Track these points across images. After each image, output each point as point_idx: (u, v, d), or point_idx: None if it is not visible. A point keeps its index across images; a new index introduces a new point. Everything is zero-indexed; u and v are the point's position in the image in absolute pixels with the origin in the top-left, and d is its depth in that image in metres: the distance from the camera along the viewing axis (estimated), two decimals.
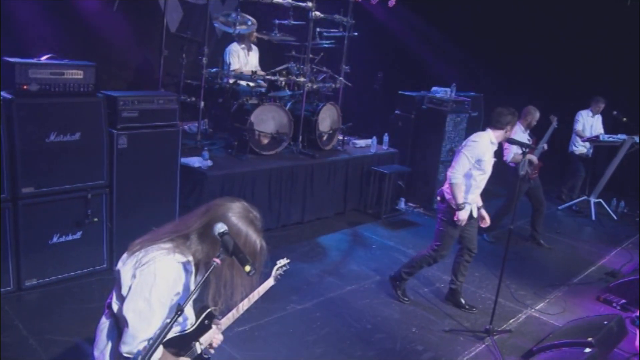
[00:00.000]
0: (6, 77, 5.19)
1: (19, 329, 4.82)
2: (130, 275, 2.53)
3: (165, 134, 6.10)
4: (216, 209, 2.60)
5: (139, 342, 2.48)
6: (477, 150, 5.49)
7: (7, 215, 5.21)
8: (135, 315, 2.47)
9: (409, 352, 5.08)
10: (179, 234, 2.60)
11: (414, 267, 5.95)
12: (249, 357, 4.71)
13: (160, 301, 2.49)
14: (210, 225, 2.51)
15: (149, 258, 2.50)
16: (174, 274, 2.52)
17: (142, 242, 2.61)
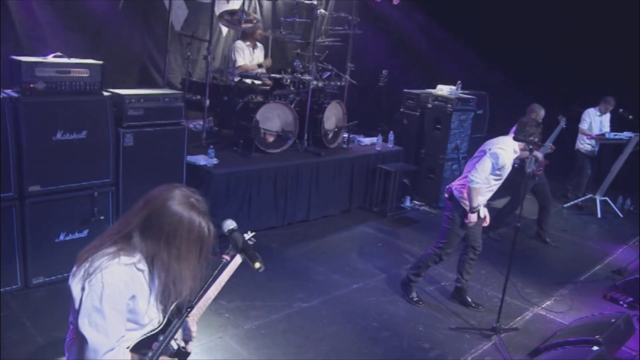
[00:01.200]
0: (13, 75, 5.20)
1: (27, 326, 4.84)
2: (80, 288, 2.40)
3: (171, 132, 6.11)
4: (154, 200, 2.46)
5: (102, 354, 2.38)
6: (502, 159, 5.51)
7: (14, 214, 5.22)
8: (91, 329, 2.36)
9: (415, 349, 5.07)
10: (121, 234, 2.46)
11: (421, 268, 5.93)
12: (256, 355, 4.70)
13: (114, 309, 2.38)
14: (151, 218, 2.41)
15: (95, 267, 2.37)
16: (124, 278, 2.39)
17: (88, 251, 2.48)
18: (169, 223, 2.39)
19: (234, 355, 4.66)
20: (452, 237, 5.69)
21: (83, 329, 2.37)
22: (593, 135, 9.92)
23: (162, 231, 2.40)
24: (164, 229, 2.40)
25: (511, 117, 8.09)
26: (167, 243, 2.40)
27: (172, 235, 2.40)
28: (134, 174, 5.88)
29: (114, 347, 2.41)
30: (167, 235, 2.40)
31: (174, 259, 2.42)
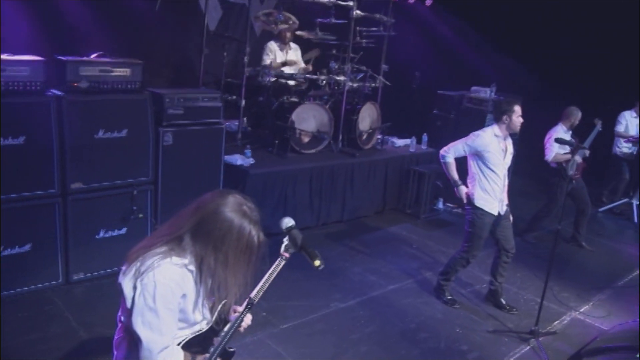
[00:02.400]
0: (57, 74, 5.28)
1: (69, 321, 4.91)
2: (131, 287, 2.43)
3: (210, 131, 6.17)
4: (207, 205, 2.48)
5: (157, 353, 2.42)
6: (478, 140, 5.53)
7: (57, 210, 5.31)
8: (145, 328, 2.39)
9: (453, 351, 5.05)
10: (172, 236, 2.48)
11: (450, 273, 5.92)
12: (294, 355, 4.72)
13: (166, 307, 2.41)
14: (202, 223, 2.44)
15: (147, 266, 2.40)
16: (175, 277, 2.42)
17: (138, 250, 2.51)
18: (219, 229, 2.42)
19: (273, 355, 4.68)
20: (474, 239, 5.68)
21: (137, 327, 2.40)
22: (630, 138, 9.76)
23: (212, 236, 2.42)
24: (214, 235, 2.42)
25: (544, 120, 8.05)
26: (215, 248, 2.43)
27: (221, 241, 2.42)
28: (173, 172, 5.94)
29: (168, 345, 2.44)
30: (215, 240, 2.42)
31: (220, 265, 2.44)
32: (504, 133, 5.58)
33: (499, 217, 5.68)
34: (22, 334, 4.65)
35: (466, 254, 5.75)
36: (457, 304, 5.88)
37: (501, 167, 5.60)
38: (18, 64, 4.93)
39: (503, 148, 5.60)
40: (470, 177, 5.72)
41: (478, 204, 5.59)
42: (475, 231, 5.63)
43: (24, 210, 5.12)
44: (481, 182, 5.58)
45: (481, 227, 5.61)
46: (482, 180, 5.58)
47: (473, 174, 5.66)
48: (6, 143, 4.88)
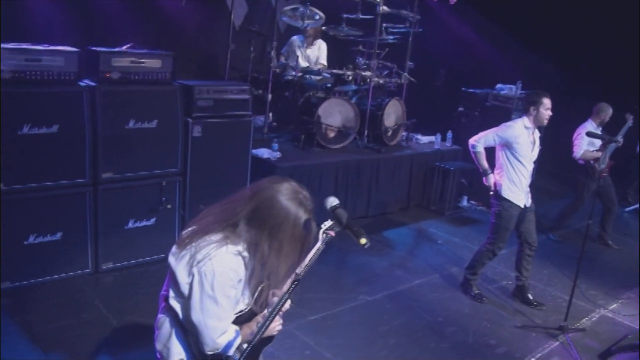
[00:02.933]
0: (90, 65, 5.33)
1: (99, 308, 4.96)
2: (187, 274, 2.45)
3: (238, 124, 6.19)
4: (264, 191, 2.48)
5: (217, 338, 2.46)
6: (508, 131, 5.55)
7: (87, 200, 5.36)
8: (205, 315, 2.42)
9: (481, 345, 5.03)
10: (227, 222, 2.48)
11: (476, 267, 5.91)
12: (322, 345, 4.72)
13: (225, 295, 2.43)
14: (259, 209, 2.44)
15: (203, 255, 2.41)
16: (232, 265, 2.44)
17: (192, 235, 2.52)
18: (275, 216, 2.42)
19: (301, 345, 4.68)
20: (500, 231, 5.66)
21: (195, 316, 2.43)
22: None
23: (267, 223, 2.42)
24: (269, 222, 2.43)
25: (571, 118, 7.99)
26: (270, 236, 2.43)
27: (277, 229, 2.43)
28: (201, 164, 5.97)
29: (226, 330, 2.49)
30: (271, 228, 2.43)
31: (274, 252, 2.45)
32: (533, 125, 5.56)
33: (525, 209, 5.68)
34: (55, 320, 4.71)
35: (492, 246, 5.74)
36: (484, 298, 5.85)
37: (529, 159, 5.60)
38: (53, 54, 4.99)
39: (532, 140, 5.60)
40: (497, 168, 5.71)
41: (505, 195, 5.58)
42: (501, 223, 5.63)
43: (55, 199, 5.19)
44: (509, 173, 5.58)
45: (507, 219, 5.60)
46: (509, 172, 5.57)
47: (501, 164, 5.66)
48: (40, 132, 4.95)
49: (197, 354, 2.57)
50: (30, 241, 5.12)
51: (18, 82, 4.82)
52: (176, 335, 2.59)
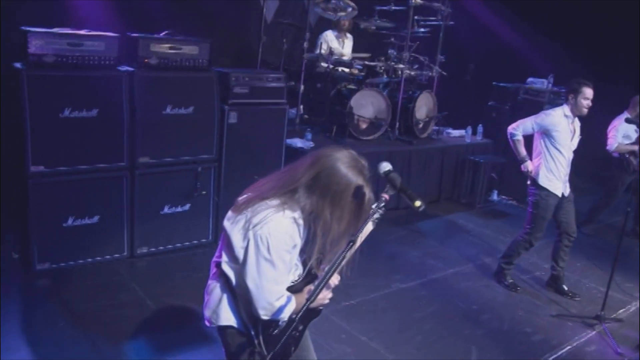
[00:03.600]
0: (129, 51, 5.40)
1: (136, 291, 5.02)
2: (242, 237, 2.46)
3: (273, 112, 6.22)
4: (324, 159, 2.47)
5: (273, 302, 2.47)
6: (547, 119, 5.54)
7: (125, 184, 5.43)
8: (261, 280, 2.43)
9: (517, 333, 5.00)
10: (286, 189, 2.48)
11: (512, 256, 5.88)
12: (358, 330, 4.73)
13: (281, 259, 2.44)
14: (320, 177, 2.44)
15: (260, 218, 2.42)
16: (289, 230, 2.45)
17: (248, 201, 2.53)
18: (337, 183, 2.43)
19: (336, 328, 4.70)
20: (538, 220, 5.62)
21: (251, 281, 2.44)
22: None
23: (329, 191, 2.42)
24: (331, 189, 2.43)
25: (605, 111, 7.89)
26: (332, 202, 2.43)
27: (339, 196, 2.43)
28: (236, 151, 6.01)
29: (283, 294, 2.51)
30: (333, 194, 2.43)
31: (335, 219, 2.45)
32: (572, 114, 5.52)
33: (562, 199, 5.63)
34: (93, 300, 4.78)
35: (529, 236, 5.69)
36: (518, 287, 5.82)
37: (568, 148, 5.55)
38: (95, 39, 5.07)
39: (572, 129, 5.56)
40: (535, 156, 5.68)
41: (542, 184, 5.54)
42: (539, 212, 5.59)
43: (94, 182, 5.26)
44: (547, 162, 5.54)
45: (545, 208, 5.56)
46: (547, 160, 5.54)
47: (539, 152, 5.62)
48: (80, 115, 5.02)
49: (246, 319, 2.59)
50: (69, 223, 5.20)
51: (60, 66, 4.90)
52: (226, 301, 2.62)
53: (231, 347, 2.68)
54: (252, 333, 2.60)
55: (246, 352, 2.63)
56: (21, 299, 4.71)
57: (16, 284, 4.93)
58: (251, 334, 2.60)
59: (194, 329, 4.53)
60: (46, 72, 4.84)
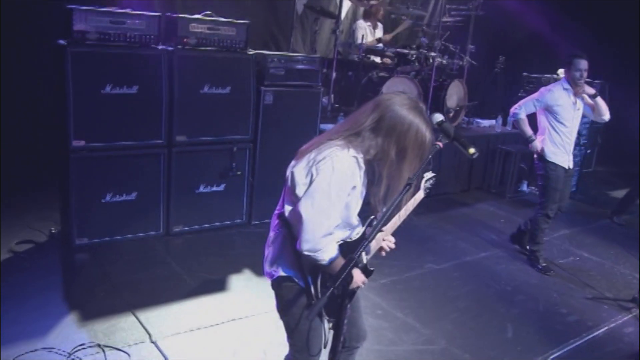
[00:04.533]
0: (168, 31, 5.46)
1: (172, 266, 5.10)
2: (305, 174, 2.51)
3: (308, 94, 6.25)
4: (386, 102, 2.55)
5: (320, 237, 2.46)
6: (547, 95, 5.70)
7: (162, 162, 5.50)
8: (314, 210, 2.45)
9: (552, 313, 5.00)
10: (351, 131, 2.55)
11: (537, 235, 5.94)
12: (394, 306, 4.76)
13: (338, 194, 2.48)
14: (383, 119, 2.50)
15: (325, 154, 2.48)
16: (352, 167, 2.50)
17: (311, 144, 2.61)
18: (401, 124, 2.49)
19: (373, 305, 4.73)
20: (550, 192, 5.77)
21: (306, 209, 2.46)
22: None
23: (394, 130, 2.49)
24: (396, 129, 2.49)
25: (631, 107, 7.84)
26: (397, 142, 2.50)
27: (404, 136, 2.49)
28: (271, 132, 6.05)
29: (331, 232, 2.52)
30: (398, 134, 2.49)
31: (399, 159, 2.50)
32: (572, 86, 5.65)
33: (566, 171, 5.79)
34: (131, 273, 4.87)
35: (544, 209, 5.82)
36: (551, 271, 5.83)
37: (571, 120, 5.70)
38: (136, 18, 5.14)
39: (573, 101, 5.68)
40: (540, 133, 5.83)
41: (548, 158, 5.72)
42: (549, 184, 5.76)
43: (132, 159, 5.35)
44: (552, 136, 5.70)
45: (555, 179, 5.73)
46: (552, 135, 5.70)
47: (543, 129, 5.77)
48: (121, 92, 5.11)
49: (307, 271, 2.62)
50: (107, 199, 5.29)
51: (102, 43, 4.99)
52: (288, 252, 2.65)
53: (286, 300, 2.72)
54: (312, 286, 2.63)
55: (302, 305, 2.68)
56: (62, 271, 4.83)
57: (56, 257, 5.05)
58: (310, 286, 2.63)
59: (232, 301, 4.61)
60: (89, 49, 4.92)
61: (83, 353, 3.71)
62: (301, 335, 2.74)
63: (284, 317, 2.79)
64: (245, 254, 5.49)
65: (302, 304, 2.68)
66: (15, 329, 3.86)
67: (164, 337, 3.98)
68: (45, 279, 4.61)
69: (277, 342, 3.89)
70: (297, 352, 2.81)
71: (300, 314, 2.69)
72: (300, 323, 2.70)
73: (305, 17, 8.93)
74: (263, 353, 3.94)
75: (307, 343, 2.74)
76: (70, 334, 3.90)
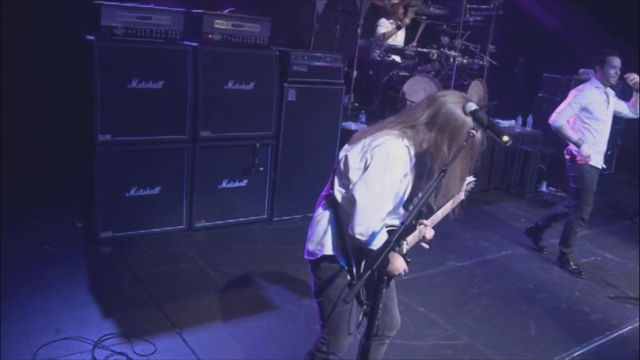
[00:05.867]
0: (193, 27, 5.51)
1: (195, 260, 5.13)
2: (360, 158, 2.61)
3: (330, 92, 6.28)
4: (442, 99, 2.63)
5: (372, 221, 2.52)
6: (581, 95, 5.59)
7: (186, 157, 5.54)
8: (368, 195, 2.52)
9: (575, 311, 4.98)
10: (407, 124, 2.65)
11: (569, 238, 5.85)
12: (415, 302, 4.76)
13: (392, 181, 2.56)
14: (438, 115, 2.58)
15: (380, 141, 2.58)
16: (405, 156, 2.59)
17: (366, 131, 2.72)
18: (455, 120, 2.57)
19: None
20: (585, 194, 5.66)
21: (359, 194, 2.53)
22: None
23: (448, 126, 2.57)
24: (450, 124, 2.58)
25: None
26: (450, 138, 2.58)
27: (457, 132, 2.57)
28: (293, 129, 6.08)
29: (382, 217, 2.58)
30: (452, 130, 2.57)
31: (451, 155, 2.55)
32: (603, 84, 5.62)
33: (600, 172, 5.74)
34: (154, 267, 4.92)
35: (579, 212, 5.72)
36: (582, 273, 5.75)
37: (605, 117, 5.66)
38: (162, 14, 5.20)
39: (605, 98, 5.65)
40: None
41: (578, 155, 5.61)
42: (584, 186, 5.64)
43: (156, 153, 5.40)
44: (585, 137, 5.61)
45: (590, 180, 5.63)
46: (586, 136, 5.62)
47: (577, 131, 5.66)
48: (147, 86, 5.16)
49: (350, 252, 2.68)
50: (132, 193, 5.34)
51: (129, 38, 5.05)
52: (332, 231, 2.72)
53: (325, 281, 2.77)
54: (354, 267, 2.70)
55: (340, 287, 2.73)
56: (87, 264, 4.87)
57: (81, 250, 5.10)
58: (352, 268, 2.70)
59: (255, 295, 4.64)
60: (116, 44, 4.98)
61: (109, 342, 3.75)
62: (336, 317, 2.80)
63: (320, 297, 2.83)
64: (267, 250, 5.53)
65: (340, 285, 2.73)
66: (44, 319, 3.91)
67: (189, 330, 4.01)
68: (71, 271, 4.66)
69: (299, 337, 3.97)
70: (329, 335, 2.86)
71: (338, 296, 2.74)
72: (337, 305, 2.76)
73: (325, 16, 8.94)
74: (285, 347, 3.96)
75: (341, 325, 2.80)
76: (96, 325, 3.94)
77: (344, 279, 2.73)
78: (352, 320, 2.81)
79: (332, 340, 2.84)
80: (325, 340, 2.86)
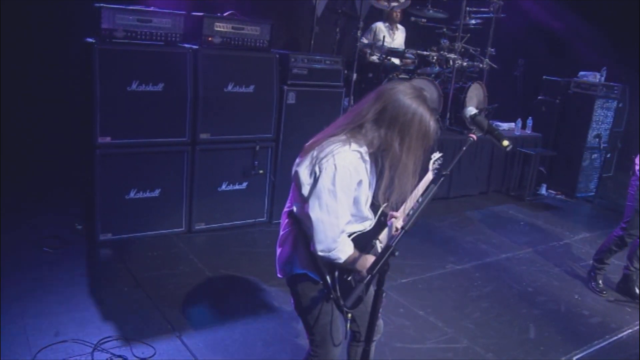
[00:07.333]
0: (193, 29, 5.52)
1: (195, 262, 5.13)
2: (309, 173, 2.48)
3: (330, 94, 6.28)
4: (388, 92, 2.48)
5: (332, 237, 2.46)
6: None
7: (185, 159, 5.54)
8: (322, 211, 2.43)
9: (574, 315, 4.98)
10: (353, 125, 2.51)
11: (604, 252, 5.51)
12: (415, 305, 4.76)
13: (344, 191, 2.43)
14: (386, 109, 2.45)
15: (327, 152, 2.44)
16: (354, 163, 2.46)
17: (315, 142, 2.57)
18: (404, 114, 2.43)
19: (394, 303, 4.73)
20: (636, 216, 5.14)
21: (313, 211, 2.44)
22: None
23: (397, 121, 2.43)
24: (399, 120, 2.43)
25: None
26: (400, 133, 2.44)
27: (407, 126, 2.43)
28: (293, 132, 6.07)
29: (343, 230, 2.50)
30: (401, 125, 2.43)
31: (404, 150, 2.45)
32: None
33: None
34: (154, 269, 4.91)
35: (623, 231, 5.28)
36: (604, 292, 5.44)
37: None
38: (162, 16, 5.20)
39: None
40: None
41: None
42: (637, 206, 5.13)
43: (156, 156, 5.40)
44: None
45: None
46: None
47: None
48: (147, 89, 5.16)
49: (322, 266, 2.59)
50: (131, 196, 5.34)
51: (130, 41, 5.06)
52: (300, 248, 2.63)
53: (303, 297, 2.71)
54: (329, 280, 2.60)
55: (319, 301, 2.66)
56: (86, 266, 4.86)
57: (81, 253, 5.08)
58: (327, 281, 2.60)
59: (255, 298, 4.64)
60: (116, 47, 4.98)
61: (109, 345, 3.75)
62: (321, 330, 2.74)
63: (302, 313, 2.77)
64: (267, 252, 5.48)
65: (319, 299, 2.66)
66: (44, 321, 3.91)
67: (188, 332, 4.01)
68: (70, 274, 4.66)
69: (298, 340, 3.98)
70: (317, 347, 2.80)
71: (319, 309, 2.68)
72: (320, 318, 2.70)
73: (325, 19, 8.94)
74: (284, 350, 3.96)
75: (328, 337, 2.75)
76: (95, 327, 3.93)
77: (320, 291, 2.66)
78: (336, 331, 2.76)
79: (321, 352, 2.79)
80: (315, 353, 2.82)
